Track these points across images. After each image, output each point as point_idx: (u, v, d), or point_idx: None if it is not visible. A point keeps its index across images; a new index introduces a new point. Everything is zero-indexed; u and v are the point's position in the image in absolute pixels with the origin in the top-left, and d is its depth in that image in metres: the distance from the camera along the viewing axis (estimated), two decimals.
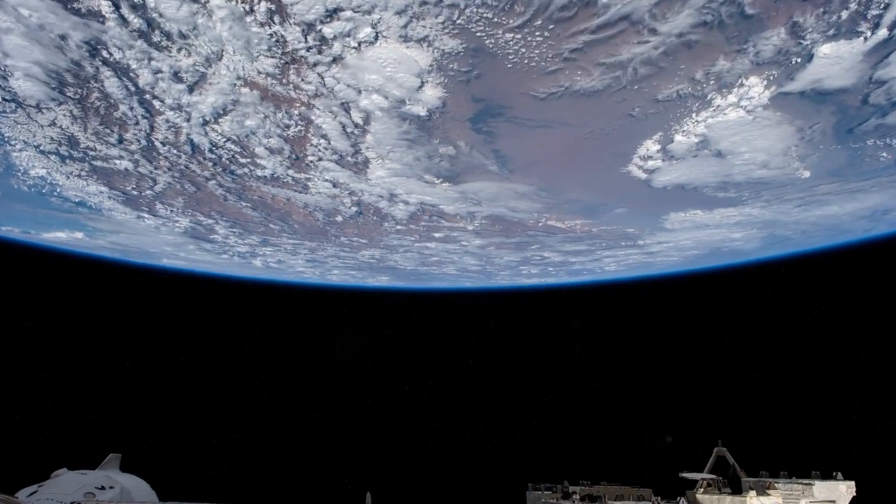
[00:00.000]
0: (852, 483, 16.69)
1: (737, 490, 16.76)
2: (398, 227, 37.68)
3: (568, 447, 46.99)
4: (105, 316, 56.58)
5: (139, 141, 27.68)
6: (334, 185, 31.43)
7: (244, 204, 34.91)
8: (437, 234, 39.27)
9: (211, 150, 28.27)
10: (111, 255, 55.23)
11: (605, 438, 47.03)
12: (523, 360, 61.04)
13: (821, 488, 16.65)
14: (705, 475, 16.99)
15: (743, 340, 50.90)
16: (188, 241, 43.79)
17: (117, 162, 30.04)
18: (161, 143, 27.77)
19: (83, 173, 31.76)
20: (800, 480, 16.76)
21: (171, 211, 36.87)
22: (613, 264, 49.57)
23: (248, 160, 28.98)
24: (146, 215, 37.99)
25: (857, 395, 40.49)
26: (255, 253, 47.06)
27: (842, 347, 44.75)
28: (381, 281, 60.95)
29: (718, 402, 45.53)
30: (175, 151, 28.58)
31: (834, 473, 16.82)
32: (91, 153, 29.22)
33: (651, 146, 27.36)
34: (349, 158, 28.35)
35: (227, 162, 29.27)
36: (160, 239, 44.28)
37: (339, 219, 36.60)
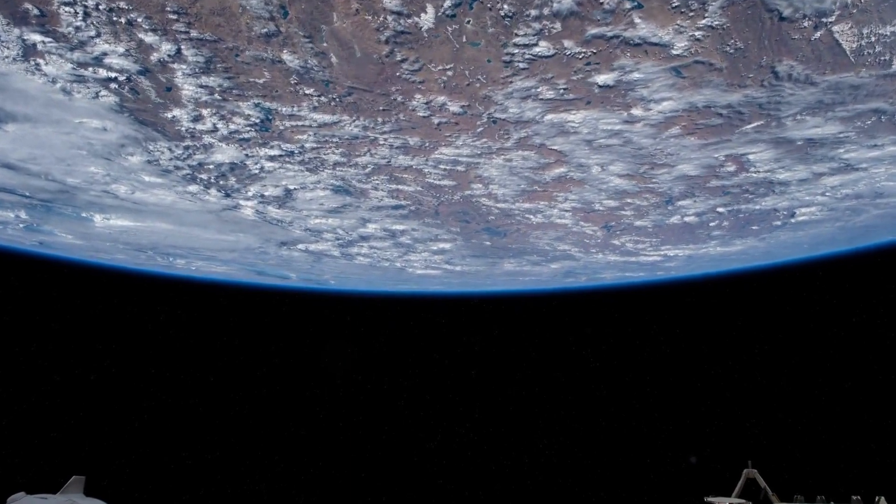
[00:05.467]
0: None
1: None
2: (540, 45, 19.64)
3: (581, 468, 43.73)
4: (68, 324, 51.02)
5: None
6: None
7: None
8: (601, 78, 21.27)
9: None
10: (74, 256, 47.58)
11: (622, 458, 43.47)
12: (531, 373, 56.47)
13: None
14: (734, 500, 16.47)
15: (775, 350, 46.79)
16: (126, 132, 25.21)
17: None
18: None
19: None
20: None
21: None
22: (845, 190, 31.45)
23: None
24: (39, 40, 19.64)
25: None
26: (248, 173, 28.42)
27: (889, 359, 39.80)
28: (436, 260, 41.99)
29: (748, 418, 42.22)
30: None
31: (877, 498, 15.76)
32: None
33: None
34: None
35: None
36: (81, 134, 25.66)
37: (427, 20, 18.57)
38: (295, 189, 30.07)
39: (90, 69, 21.38)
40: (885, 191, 32.29)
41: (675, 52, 20.16)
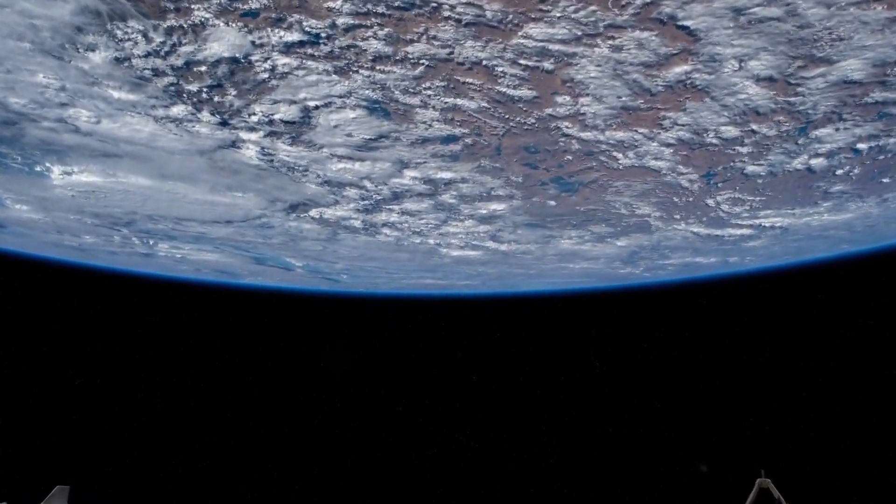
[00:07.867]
0: None
1: None
2: None
3: (585, 477, 42.45)
4: (51, 325, 48.65)
5: None
6: None
7: None
8: None
9: None
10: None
11: (629, 467, 41.91)
12: (532, 376, 53.86)
13: None
14: None
15: (787, 352, 44.59)
16: (83, 1, 17.87)
17: None
18: None
19: None
20: None
21: None
22: None
23: None
24: None
25: None
26: (254, 79, 21.09)
27: None
28: (480, 232, 34.54)
29: (761, 425, 40.52)
30: None
31: None
32: None
33: None
34: None
35: None
36: (19, 8, 18.30)
37: None
38: (316, 107, 22.67)
39: None
40: None
41: None
